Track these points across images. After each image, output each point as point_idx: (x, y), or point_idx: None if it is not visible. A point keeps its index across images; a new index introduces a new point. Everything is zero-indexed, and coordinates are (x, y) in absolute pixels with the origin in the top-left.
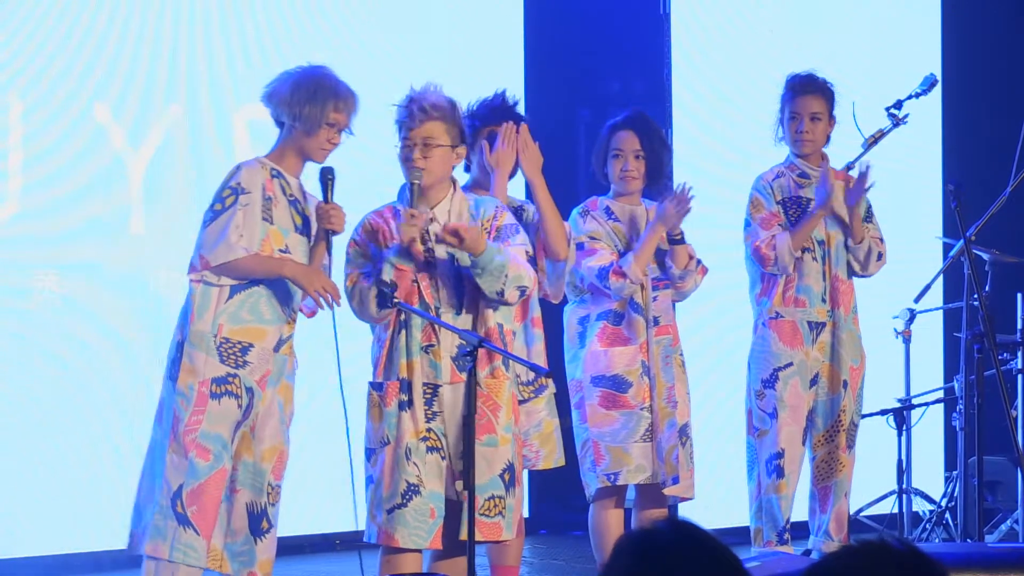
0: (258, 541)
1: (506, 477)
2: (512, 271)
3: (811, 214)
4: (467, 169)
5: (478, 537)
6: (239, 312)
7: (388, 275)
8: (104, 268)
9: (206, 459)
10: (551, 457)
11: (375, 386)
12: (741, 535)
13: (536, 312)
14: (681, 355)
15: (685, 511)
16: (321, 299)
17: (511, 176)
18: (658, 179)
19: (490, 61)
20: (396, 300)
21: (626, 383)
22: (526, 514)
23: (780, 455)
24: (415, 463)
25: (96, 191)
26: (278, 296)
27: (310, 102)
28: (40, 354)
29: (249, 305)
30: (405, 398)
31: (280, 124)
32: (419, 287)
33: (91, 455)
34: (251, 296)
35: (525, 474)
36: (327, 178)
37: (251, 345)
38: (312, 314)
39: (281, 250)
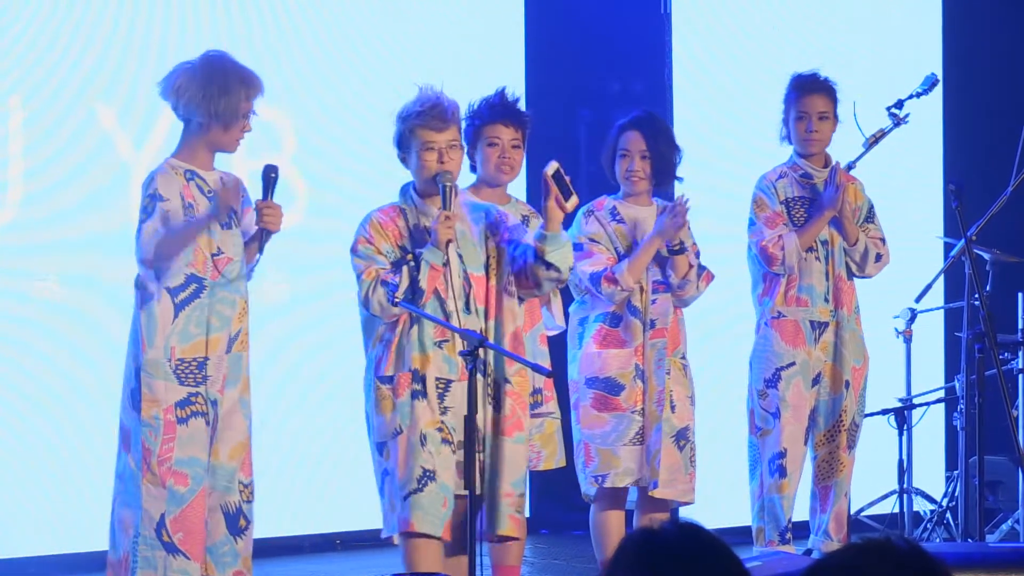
0: (238, 540)
1: (527, 475)
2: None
3: (820, 214)
4: (473, 169)
5: (514, 533)
6: (187, 329)
7: (424, 275)
8: (105, 273)
9: (185, 484)
10: (552, 458)
11: (385, 379)
12: (742, 535)
13: (543, 331)
14: (683, 358)
15: (686, 511)
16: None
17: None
18: (667, 179)
19: (491, 61)
20: (397, 300)
21: (618, 386)
22: (527, 514)
23: (782, 455)
24: (430, 451)
25: (100, 197)
26: (222, 301)
27: (225, 96)
28: (40, 361)
29: (195, 319)
30: (419, 388)
31: (187, 121)
32: (438, 286)
33: (90, 458)
34: (196, 310)
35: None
36: (270, 176)
37: (206, 358)
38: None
39: (214, 254)
